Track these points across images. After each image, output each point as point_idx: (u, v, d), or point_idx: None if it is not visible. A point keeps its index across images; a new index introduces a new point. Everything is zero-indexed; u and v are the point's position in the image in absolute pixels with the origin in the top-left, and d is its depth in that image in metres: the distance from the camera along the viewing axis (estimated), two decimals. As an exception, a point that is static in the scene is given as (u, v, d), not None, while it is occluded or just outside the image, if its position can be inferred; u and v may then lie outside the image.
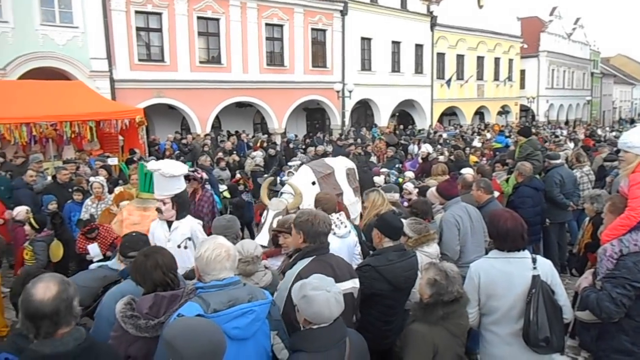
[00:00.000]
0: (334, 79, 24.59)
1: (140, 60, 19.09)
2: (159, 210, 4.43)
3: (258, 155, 12.19)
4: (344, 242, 4.20)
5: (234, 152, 14.87)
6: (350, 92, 23.31)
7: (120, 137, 14.93)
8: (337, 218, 4.20)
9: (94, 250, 6.14)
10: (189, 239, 4.40)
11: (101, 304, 2.70)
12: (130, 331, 2.43)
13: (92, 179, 7.80)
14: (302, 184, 5.82)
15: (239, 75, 21.69)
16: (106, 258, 5.65)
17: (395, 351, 3.12)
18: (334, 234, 3.91)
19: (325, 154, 12.51)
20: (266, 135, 21.18)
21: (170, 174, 4.32)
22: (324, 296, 2.45)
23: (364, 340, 2.79)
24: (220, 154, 12.70)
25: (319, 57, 24.75)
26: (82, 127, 13.19)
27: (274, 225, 4.80)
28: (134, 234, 3.28)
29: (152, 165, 4.51)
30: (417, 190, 6.81)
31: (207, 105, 20.78)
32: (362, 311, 3.47)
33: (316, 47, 24.58)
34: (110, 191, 7.70)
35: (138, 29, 19.00)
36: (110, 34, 18.06)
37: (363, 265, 3.75)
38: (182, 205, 4.49)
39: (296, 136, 22.07)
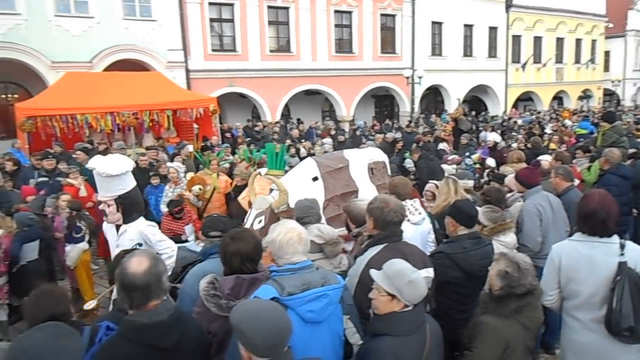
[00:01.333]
0: (403, 65, 24.15)
1: (213, 50, 19.69)
2: (103, 213, 4.02)
3: (327, 142, 12.26)
4: (417, 230, 4.14)
5: (303, 139, 15.02)
6: (420, 78, 22.82)
7: (195, 125, 15.53)
8: (412, 205, 4.13)
9: (189, 230, 6.63)
10: (140, 244, 3.95)
11: (184, 281, 2.83)
12: (212, 309, 2.53)
13: (168, 164, 8.18)
14: (298, 180, 5.25)
15: (308, 63, 21.83)
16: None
17: (463, 342, 3.05)
18: (408, 220, 3.85)
19: (395, 141, 12.34)
20: (334, 123, 21.22)
21: (106, 174, 3.82)
22: (422, 277, 2.48)
23: (439, 327, 2.75)
24: (288, 141, 12.89)
25: (388, 43, 24.37)
26: (160, 115, 13.89)
27: (255, 226, 4.54)
28: (214, 215, 3.39)
29: (90, 163, 4.00)
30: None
31: (276, 94, 21.13)
32: (435, 299, 3.43)
33: (385, 33, 24.20)
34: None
35: (211, 20, 19.58)
36: (186, 26, 18.74)
37: (436, 253, 3.69)
38: (130, 207, 3.97)
39: (365, 123, 21.96)
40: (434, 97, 29.06)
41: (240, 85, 20.41)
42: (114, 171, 3.80)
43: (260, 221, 4.60)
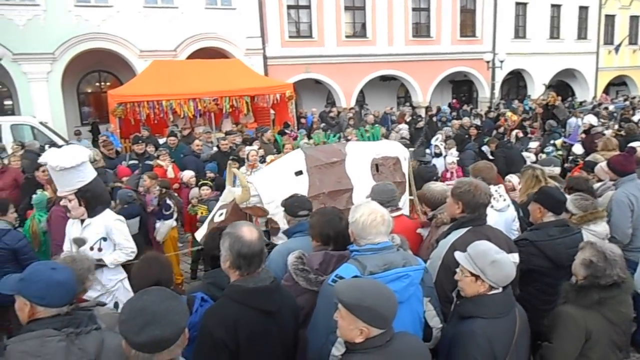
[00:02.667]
0: (484, 48, 23.22)
1: (290, 37, 19.98)
2: (66, 208, 3.80)
3: (403, 128, 12.10)
4: (501, 216, 4.01)
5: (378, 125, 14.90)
6: (501, 62, 21.86)
7: (272, 111, 15.88)
8: (496, 190, 4.01)
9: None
10: (104, 239, 3.80)
11: (269, 258, 2.94)
12: (300, 283, 2.64)
13: (247, 148, 8.43)
14: (279, 173, 4.80)
15: (384, 48, 21.57)
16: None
17: (543, 330, 2.95)
18: (492, 207, 3.74)
19: (471, 127, 11.94)
20: (411, 108, 20.88)
21: (60, 167, 3.55)
22: (509, 259, 2.44)
23: (525, 313, 2.68)
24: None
25: (467, 27, 23.53)
26: (239, 101, 14.36)
27: (216, 219, 4.33)
28: (299, 195, 3.49)
29: (42, 157, 3.72)
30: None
31: (352, 79, 21.10)
32: (519, 288, 3.32)
33: (465, 15, 23.37)
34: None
35: (289, 6, 19.85)
36: (264, 14, 19.12)
37: (520, 240, 3.57)
38: (92, 200, 3.74)
39: (449, 107, 21.41)
40: (515, 82, 27.75)
41: (316, 72, 20.57)
42: (67, 163, 3.56)
43: (221, 214, 4.38)
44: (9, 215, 4.84)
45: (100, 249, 3.77)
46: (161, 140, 11.19)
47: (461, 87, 27.40)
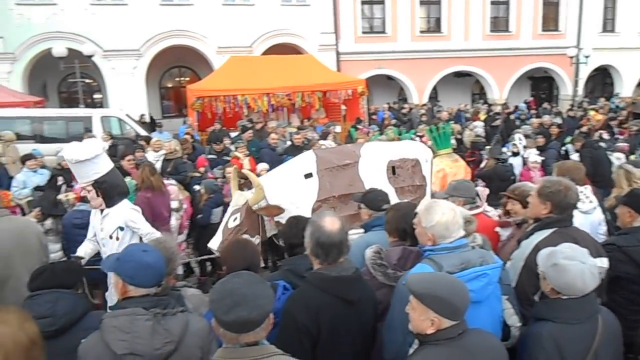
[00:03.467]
0: (567, 43, 22.01)
1: (363, 32, 19.95)
2: (86, 198, 3.97)
3: (478, 126, 11.74)
4: (587, 219, 3.81)
5: (452, 122, 14.55)
6: (586, 57, 20.67)
7: (343, 107, 15.94)
8: (582, 192, 3.81)
9: None
10: (121, 228, 3.94)
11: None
12: (378, 278, 2.65)
13: (321, 142, 8.54)
14: (288, 175, 4.63)
15: (460, 43, 21.02)
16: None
17: (636, 341, 2.76)
18: (578, 208, 3.56)
19: (552, 126, 11.37)
20: (486, 106, 20.20)
21: (75, 160, 3.74)
22: (578, 267, 2.28)
23: (619, 323, 2.53)
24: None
25: (550, 20, 22.41)
26: (311, 97, 14.52)
27: (230, 224, 4.24)
28: (378, 189, 3.50)
29: (61, 151, 3.86)
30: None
31: (425, 75, 20.74)
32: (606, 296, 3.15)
33: (548, 8, 22.28)
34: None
35: (362, 2, 19.83)
36: (337, 10, 19.23)
37: (607, 244, 3.37)
38: (109, 190, 3.90)
39: (527, 105, 20.51)
40: (601, 78, 26.06)
41: (388, 67, 20.42)
42: (82, 156, 3.74)
43: (235, 219, 4.28)
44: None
45: (117, 238, 3.93)
46: (232, 134, 11.54)
47: (541, 83, 26.12)
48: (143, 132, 12.70)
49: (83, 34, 16.80)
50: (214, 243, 4.24)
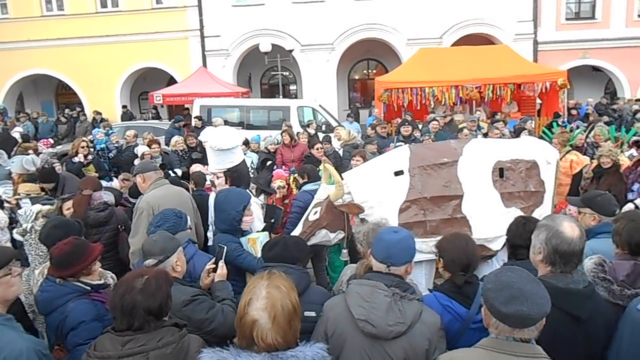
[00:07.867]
0: None
1: (567, 19, 18.12)
2: (212, 183, 4.19)
3: None
4: None
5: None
6: None
7: (538, 101, 14.75)
8: None
9: None
10: None
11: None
12: (600, 293, 2.37)
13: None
14: (377, 171, 4.15)
15: (690, 27, 17.78)
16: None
17: None
18: None
19: None
20: None
21: (217, 147, 4.04)
22: None
23: None
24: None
25: None
26: (503, 89, 13.71)
27: (311, 217, 4.06)
28: (605, 192, 3.23)
29: (201, 135, 4.13)
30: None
31: (641, 66, 18.04)
32: None
33: None
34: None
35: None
36: (539, -5, 17.73)
37: None
38: (238, 179, 4.16)
39: None
40: None
41: (595, 57, 18.25)
42: (224, 145, 4.05)
43: (315, 212, 4.08)
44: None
45: None
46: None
47: None
48: (334, 123, 13.42)
49: (285, 30, 18.38)
50: (294, 234, 4.17)
